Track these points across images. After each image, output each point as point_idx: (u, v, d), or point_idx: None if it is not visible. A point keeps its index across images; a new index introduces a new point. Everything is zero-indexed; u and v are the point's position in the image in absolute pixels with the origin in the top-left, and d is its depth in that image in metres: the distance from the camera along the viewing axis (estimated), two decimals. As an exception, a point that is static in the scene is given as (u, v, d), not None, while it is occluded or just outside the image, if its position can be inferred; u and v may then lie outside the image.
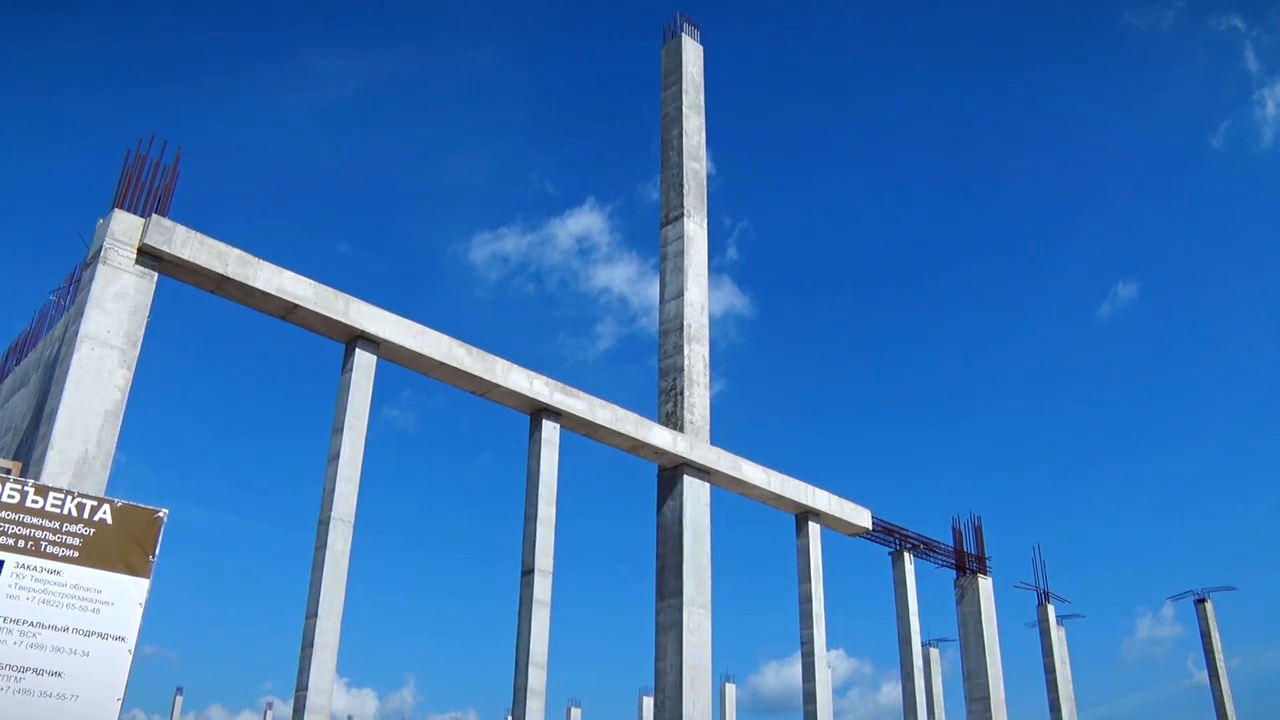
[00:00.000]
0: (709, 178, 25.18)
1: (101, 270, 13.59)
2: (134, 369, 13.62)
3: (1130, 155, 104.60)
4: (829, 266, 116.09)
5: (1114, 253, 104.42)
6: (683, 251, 23.37)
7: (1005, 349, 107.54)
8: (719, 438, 22.33)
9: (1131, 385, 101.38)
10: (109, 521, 10.30)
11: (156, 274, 14.28)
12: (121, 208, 14.13)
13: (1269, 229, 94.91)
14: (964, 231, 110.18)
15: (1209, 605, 48.41)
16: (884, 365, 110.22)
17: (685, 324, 22.70)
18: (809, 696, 22.94)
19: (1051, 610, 39.60)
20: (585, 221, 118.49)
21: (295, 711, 14.52)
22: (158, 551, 10.50)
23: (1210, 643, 47.70)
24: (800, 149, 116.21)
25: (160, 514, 10.65)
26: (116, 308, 13.62)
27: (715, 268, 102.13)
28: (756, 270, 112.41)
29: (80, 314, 13.40)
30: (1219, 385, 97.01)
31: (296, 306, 15.91)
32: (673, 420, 21.88)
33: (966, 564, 29.38)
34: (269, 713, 69.81)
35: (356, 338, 16.67)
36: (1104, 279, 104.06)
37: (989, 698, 28.08)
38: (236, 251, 15.18)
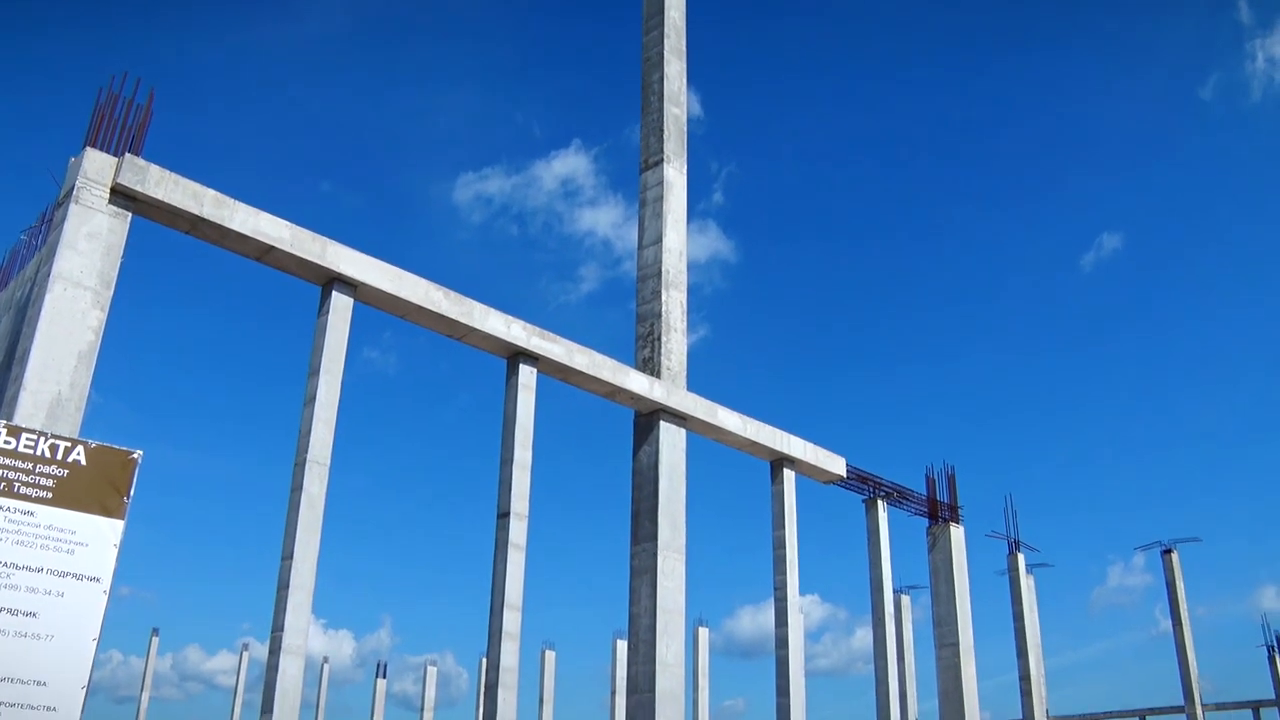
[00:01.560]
0: (695, 121, 25.03)
1: (74, 210, 13.44)
2: (108, 310, 13.51)
3: (1118, 105, 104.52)
4: (814, 214, 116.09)
5: (1100, 203, 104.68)
6: (662, 197, 23.28)
7: (987, 298, 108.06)
8: (700, 383, 22.42)
9: (1109, 336, 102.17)
10: (83, 463, 10.27)
11: (130, 214, 14.13)
12: (94, 146, 13.95)
13: (1256, 183, 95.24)
14: (951, 180, 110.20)
15: (1175, 556, 49.15)
16: (865, 313, 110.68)
17: (663, 270, 22.66)
18: (781, 641, 23.23)
19: (1021, 559, 40.15)
20: (570, 163, 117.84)
21: (271, 653, 14.62)
22: (133, 493, 10.48)
23: (1175, 593, 48.50)
24: (788, 95, 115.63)
25: (135, 455, 10.61)
26: (89, 248, 13.49)
27: (701, 212, 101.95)
28: (742, 215, 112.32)
29: (52, 254, 13.26)
30: (1196, 338, 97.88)
31: (273, 248, 15.79)
32: (650, 366, 21.91)
33: (939, 513, 29.71)
34: (245, 654, 70.21)
35: (333, 280, 16.58)
36: (1089, 229, 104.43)
37: (958, 644, 28.51)
38: (212, 192, 15.03)
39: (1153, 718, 50.88)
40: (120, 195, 14.00)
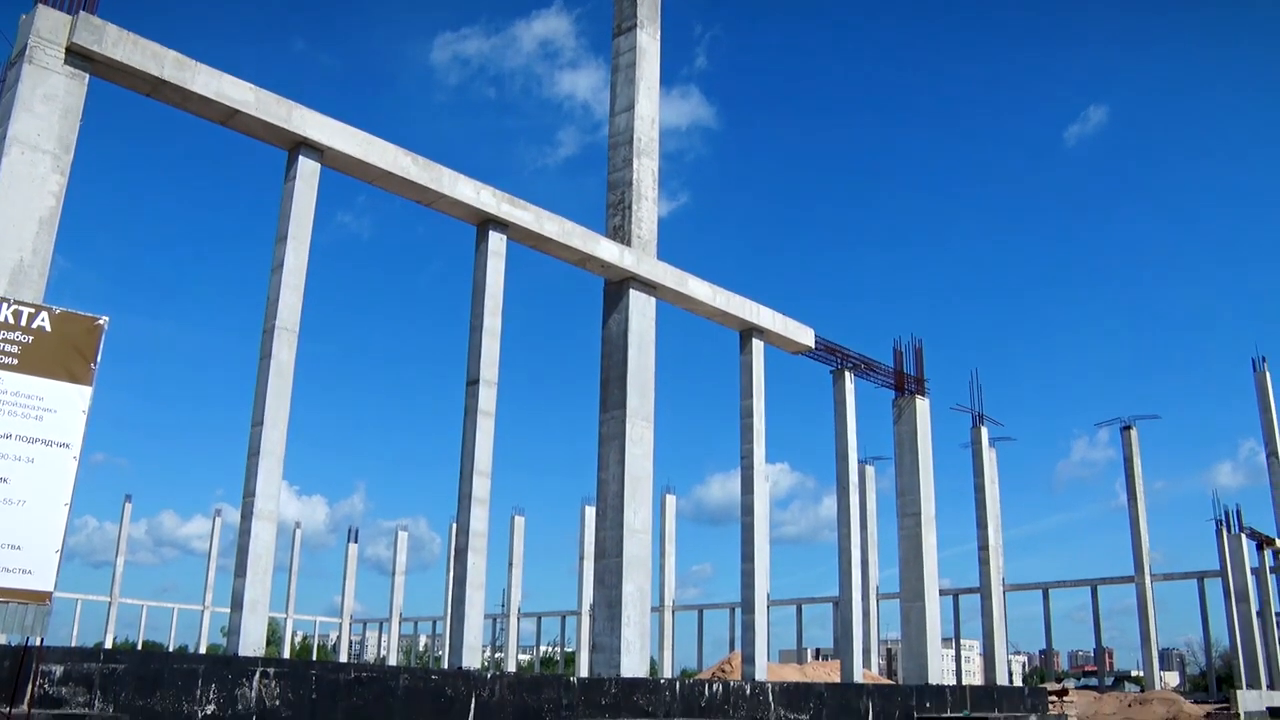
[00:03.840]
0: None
1: (28, 70, 13.07)
2: (68, 174, 13.27)
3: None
4: (796, 84, 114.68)
5: (1086, 75, 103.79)
6: (635, 64, 22.87)
7: (969, 175, 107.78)
8: (679, 250, 22.41)
9: (1086, 215, 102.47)
10: (48, 329, 10.20)
11: (88, 75, 13.76)
12: (45, 3, 13.50)
13: (1244, 61, 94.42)
14: (937, 53, 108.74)
15: (1134, 432, 50.16)
16: (844, 187, 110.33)
17: (635, 138, 22.40)
18: (747, 509, 23.69)
19: (984, 432, 40.81)
20: (551, 24, 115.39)
21: (243, 518, 14.80)
22: (99, 359, 10.44)
23: (1131, 468, 49.67)
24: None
25: (100, 321, 10.54)
26: (46, 110, 13.17)
27: (683, 77, 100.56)
28: (724, 81, 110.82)
29: (7, 117, 12.95)
30: (1169, 218, 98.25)
31: (237, 112, 15.48)
32: (620, 234, 21.82)
33: (905, 385, 30.05)
34: (218, 519, 71.06)
35: (300, 145, 16.30)
36: (1075, 101, 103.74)
37: (920, 514, 29.17)
38: (172, 54, 14.64)
39: (1104, 587, 52.47)
40: (76, 55, 13.61)
